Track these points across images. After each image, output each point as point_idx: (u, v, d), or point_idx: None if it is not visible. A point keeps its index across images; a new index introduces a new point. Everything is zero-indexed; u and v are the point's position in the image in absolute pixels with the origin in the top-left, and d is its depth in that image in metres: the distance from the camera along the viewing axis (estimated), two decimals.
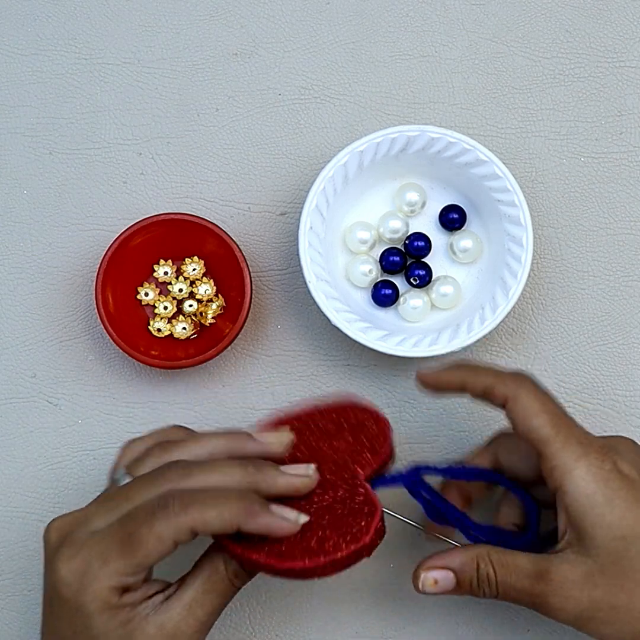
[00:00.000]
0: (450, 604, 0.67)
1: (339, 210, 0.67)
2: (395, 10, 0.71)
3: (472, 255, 0.67)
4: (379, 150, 0.66)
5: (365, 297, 0.68)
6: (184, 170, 0.70)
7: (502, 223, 0.66)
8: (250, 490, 0.51)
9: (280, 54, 0.71)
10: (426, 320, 0.67)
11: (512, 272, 0.65)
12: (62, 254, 0.70)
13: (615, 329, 0.69)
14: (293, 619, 0.67)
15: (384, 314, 0.68)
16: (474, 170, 0.66)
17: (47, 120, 0.70)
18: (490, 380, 0.56)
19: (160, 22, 0.71)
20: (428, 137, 0.65)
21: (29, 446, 0.68)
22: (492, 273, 0.67)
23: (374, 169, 0.67)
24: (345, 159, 0.65)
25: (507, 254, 0.65)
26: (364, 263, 0.67)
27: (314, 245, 0.65)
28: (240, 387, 0.69)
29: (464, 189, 0.68)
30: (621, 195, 0.70)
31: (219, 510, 0.50)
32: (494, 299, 0.65)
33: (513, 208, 0.65)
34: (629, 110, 0.70)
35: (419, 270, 0.67)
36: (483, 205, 0.67)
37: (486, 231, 0.68)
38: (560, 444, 0.54)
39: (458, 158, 0.66)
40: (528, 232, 0.64)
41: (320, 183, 0.65)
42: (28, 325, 0.69)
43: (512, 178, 0.65)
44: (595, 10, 0.71)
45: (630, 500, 0.53)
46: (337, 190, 0.66)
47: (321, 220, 0.66)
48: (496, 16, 0.71)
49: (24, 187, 0.70)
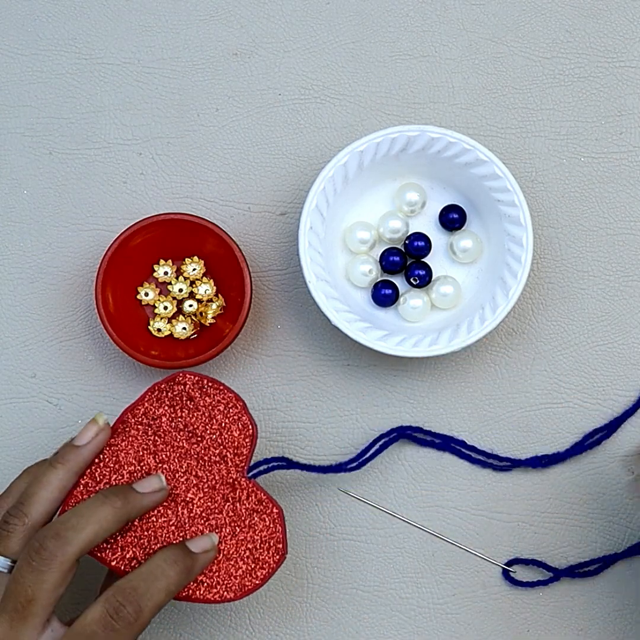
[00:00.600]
0: (450, 605, 0.67)
1: (339, 210, 0.67)
2: (395, 10, 0.71)
3: (472, 255, 0.67)
4: (379, 150, 0.66)
5: (365, 297, 0.68)
6: (184, 170, 0.70)
7: (502, 223, 0.66)
8: (122, 521, 0.57)
9: (280, 54, 0.71)
10: (426, 320, 0.67)
11: (512, 272, 0.65)
12: (62, 254, 0.70)
13: (615, 329, 0.69)
14: (293, 619, 0.67)
15: (383, 314, 0.68)
16: (474, 170, 0.66)
17: (47, 120, 0.70)
18: None
19: (160, 22, 0.71)
20: (428, 137, 0.65)
21: (29, 446, 0.68)
22: (492, 273, 0.67)
23: (374, 169, 0.67)
24: (346, 159, 0.65)
25: (507, 254, 0.65)
26: (364, 263, 0.67)
27: (314, 245, 0.65)
28: (240, 387, 0.69)
29: (464, 189, 0.68)
30: (621, 195, 0.70)
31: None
32: (494, 299, 0.65)
33: (513, 208, 0.65)
34: (629, 110, 0.70)
35: (419, 270, 0.67)
36: (483, 205, 0.67)
37: (486, 231, 0.68)
38: None
39: (458, 158, 0.66)
40: (528, 232, 0.64)
41: (320, 183, 0.65)
42: (28, 325, 0.69)
43: (512, 178, 0.65)
44: (595, 10, 0.71)
45: None
46: (337, 190, 0.66)
47: (321, 220, 0.66)
48: (496, 16, 0.71)
49: (24, 187, 0.70)
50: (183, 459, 0.60)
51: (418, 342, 0.65)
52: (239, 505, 0.60)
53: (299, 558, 0.67)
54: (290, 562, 0.67)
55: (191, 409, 0.61)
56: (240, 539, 0.60)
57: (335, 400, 0.68)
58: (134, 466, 0.60)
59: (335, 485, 0.68)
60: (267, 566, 0.60)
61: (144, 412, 0.61)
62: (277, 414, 0.68)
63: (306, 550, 0.67)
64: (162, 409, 0.61)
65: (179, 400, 0.61)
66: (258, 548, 0.60)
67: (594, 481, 0.68)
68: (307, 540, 0.68)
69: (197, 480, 0.60)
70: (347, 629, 0.67)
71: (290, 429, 0.68)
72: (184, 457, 0.60)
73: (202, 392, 0.61)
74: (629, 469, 0.67)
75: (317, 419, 0.68)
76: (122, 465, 0.60)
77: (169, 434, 0.60)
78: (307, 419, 0.68)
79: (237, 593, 0.59)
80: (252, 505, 0.60)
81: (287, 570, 0.67)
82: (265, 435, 0.68)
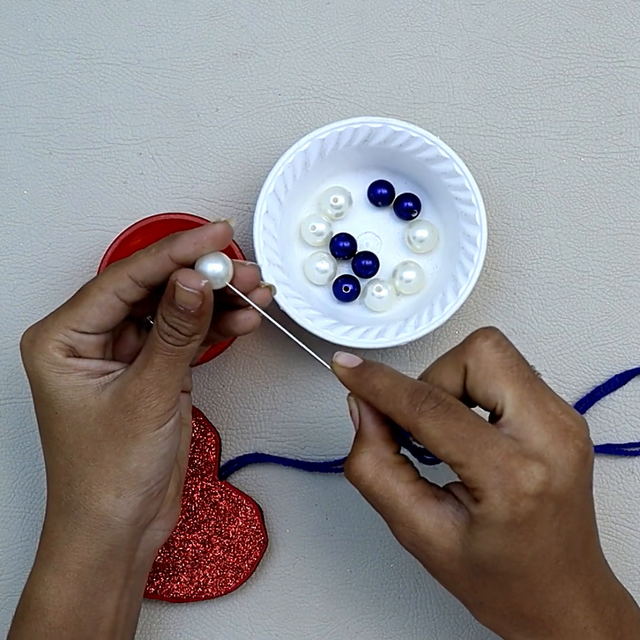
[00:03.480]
0: (451, 604, 0.67)
1: (298, 198, 0.67)
2: (395, 10, 0.71)
3: (429, 245, 0.67)
4: (340, 140, 0.65)
5: (326, 293, 0.68)
6: (184, 170, 0.70)
7: (458, 221, 0.66)
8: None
9: (280, 54, 0.71)
10: (392, 309, 0.67)
11: (464, 271, 0.65)
12: (62, 254, 0.70)
13: (615, 329, 0.69)
14: (293, 619, 0.67)
15: (348, 308, 0.68)
16: (434, 167, 0.66)
17: (47, 120, 0.70)
18: (390, 410, 0.52)
19: (160, 22, 0.71)
20: (390, 130, 0.65)
21: (29, 446, 0.68)
22: (448, 266, 0.67)
23: (335, 159, 0.66)
24: (307, 146, 0.65)
25: (461, 252, 0.65)
26: (320, 260, 0.67)
27: (269, 230, 0.65)
28: (240, 387, 0.69)
29: (424, 184, 0.68)
30: (621, 195, 0.70)
31: (152, 259, 0.54)
32: (456, 280, 0.65)
33: (470, 207, 0.65)
34: (629, 110, 0.70)
35: (366, 260, 0.67)
36: (442, 203, 0.67)
37: (443, 227, 0.68)
38: (475, 468, 0.50)
39: (419, 153, 0.65)
40: (482, 232, 0.64)
41: (279, 168, 0.65)
42: (28, 325, 0.69)
43: (471, 177, 0.65)
44: (595, 10, 0.71)
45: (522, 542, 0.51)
46: (297, 177, 0.66)
47: (278, 206, 0.65)
48: (496, 16, 0.71)
49: (24, 187, 0.70)
50: None
51: (382, 332, 0.65)
52: (216, 507, 0.66)
53: (299, 558, 0.67)
54: (290, 562, 0.67)
55: None
56: (224, 536, 0.65)
57: (335, 400, 0.68)
58: None
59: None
60: (252, 556, 0.65)
61: None
62: (277, 414, 0.68)
63: (306, 550, 0.67)
64: None
65: None
66: (241, 541, 0.65)
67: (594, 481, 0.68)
68: (307, 540, 0.68)
69: None
70: (347, 629, 0.67)
71: (290, 429, 0.68)
72: None
73: None
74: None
75: (317, 419, 0.68)
76: None
77: None
78: (307, 419, 0.68)
79: (230, 586, 0.65)
80: (228, 505, 0.65)
81: (287, 570, 0.67)
82: (265, 435, 0.68)
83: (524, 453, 0.50)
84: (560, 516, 0.51)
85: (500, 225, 0.70)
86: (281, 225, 0.66)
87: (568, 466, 0.50)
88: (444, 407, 0.51)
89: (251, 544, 0.66)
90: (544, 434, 0.50)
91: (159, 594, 0.65)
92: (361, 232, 0.68)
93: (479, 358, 0.52)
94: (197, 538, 0.66)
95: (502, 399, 0.51)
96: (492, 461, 0.50)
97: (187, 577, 0.65)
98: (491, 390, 0.51)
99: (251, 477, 0.68)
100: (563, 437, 0.51)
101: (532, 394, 0.51)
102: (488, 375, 0.52)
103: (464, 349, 0.53)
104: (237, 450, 0.68)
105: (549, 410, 0.51)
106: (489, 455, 0.50)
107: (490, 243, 0.69)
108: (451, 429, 0.50)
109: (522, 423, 0.51)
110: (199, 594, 0.65)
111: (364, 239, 0.68)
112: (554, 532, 0.51)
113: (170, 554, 0.65)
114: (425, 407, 0.51)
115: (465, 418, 0.51)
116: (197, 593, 0.65)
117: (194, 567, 0.65)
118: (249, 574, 0.65)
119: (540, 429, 0.50)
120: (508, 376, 0.51)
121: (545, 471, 0.50)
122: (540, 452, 0.50)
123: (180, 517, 0.66)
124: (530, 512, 0.50)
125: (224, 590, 0.65)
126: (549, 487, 0.50)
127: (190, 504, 0.66)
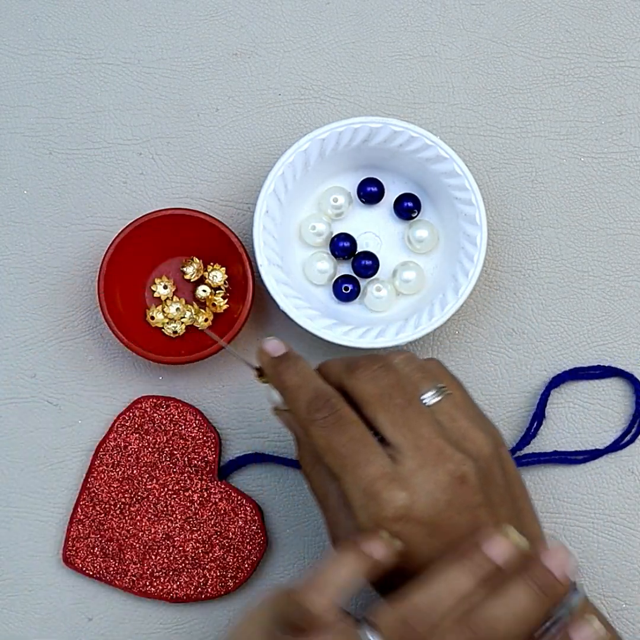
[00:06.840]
0: None
1: (298, 199, 0.67)
2: (395, 10, 0.71)
3: (428, 245, 0.67)
4: (340, 140, 0.65)
5: (326, 293, 0.68)
6: (184, 170, 0.70)
7: (458, 221, 0.66)
8: None
9: (280, 54, 0.71)
10: (392, 309, 0.67)
11: (464, 271, 0.65)
12: (62, 254, 0.70)
13: (615, 329, 0.69)
14: None
15: (348, 308, 0.68)
16: (434, 167, 0.66)
17: (47, 120, 0.70)
18: (292, 408, 0.54)
19: (160, 22, 0.71)
20: (390, 130, 0.65)
21: (29, 446, 0.68)
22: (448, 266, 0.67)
23: (335, 159, 0.67)
24: (307, 146, 0.65)
25: (461, 252, 0.65)
26: (320, 260, 0.67)
27: (268, 229, 0.65)
28: (240, 387, 0.69)
29: (424, 184, 0.68)
30: (621, 195, 0.70)
31: None
32: (456, 280, 0.65)
33: (470, 207, 0.65)
34: (629, 110, 0.70)
35: (366, 260, 0.67)
36: (442, 203, 0.67)
37: (443, 227, 0.68)
38: (347, 485, 0.52)
39: (419, 153, 0.65)
40: (482, 232, 0.64)
41: (279, 168, 0.65)
42: (28, 325, 0.69)
43: (471, 177, 0.65)
44: (595, 10, 0.71)
45: None
46: (297, 177, 0.66)
47: (278, 206, 0.65)
48: (496, 16, 0.71)
49: (24, 187, 0.70)
50: (160, 476, 0.66)
51: (382, 332, 0.65)
52: (216, 507, 0.66)
53: (299, 558, 0.67)
54: (290, 562, 0.67)
55: (156, 430, 0.66)
56: (224, 536, 0.65)
57: None
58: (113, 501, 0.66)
59: None
60: (252, 556, 0.65)
61: (115, 445, 0.66)
62: None
63: (306, 550, 0.67)
64: (130, 436, 0.66)
65: (143, 424, 0.66)
66: (241, 541, 0.65)
67: (594, 481, 0.68)
68: (307, 540, 0.68)
69: (174, 492, 0.66)
70: None
71: None
72: (161, 474, 0.66)
73: (161, 412, 0.66)
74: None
75: None
76: (101, 500, 0.66)
77: (141, 457, 0.66)
78: None
79: (230, 586, 0.66)
80: (228, 505, 0.66)
81: (287, 570, 0.67)
82: (265, 435, 0.68)
83: (391, 476, 0.51)
84: (439, 536, 0.52)
85: (500, 225, 0.70)
86: (281, 225, 0.66)
87: (437, 489, 0.51)
88: (334, 418, 0.52)
89: (251, 544, 0.66)
90: (416, 458, 0.52)
91: (159, 594, 0.65)
92: (361, 232, 0.68)
93: (355, 387, 0.54)
94: (197, 538, 0.66)
95: (379, 424, 0.53)
96: (361, 481, 0.51)
97: (187, 577, 0.65)
98: (369, 415, 0.53)
99: (251, 477, 0.68)
100: (434, 460, 0.52)
101: (405, 420, 0.52)
102: (364, 402, 0.53)
103: (348, 375, 0.54)
104: (237, 450, 0.68)
105: (422, 435, 0.52)
106: (359, 475, 0.51)
107: (490, 243, 0.69)
108: (333, 442, 0.52)
109: (398, 446, 0.52)
110: (199, 594, 0.65)
111: (364, 239, 0.68)
112: (434, 551, 0.52)
113: (170, 554, 0.66)
114: (318, 415, 0.52)
115: (350, 433, 0.52)
116: (197, 593, 0.65)
117: (194, 567, 0.66)
118: (249, 574, 0.66)
119: (413, 453, 0.52)
120: (380, 403, 0.53)
121: (406, 496, 0.51)
122: (407, 476, 0.51)
123: (180, 517, 0.66)
124: (395, 533, 0.51)
125: (224, 590, 0.65)
126: (410, 510, 0.51)
127: (190, 504, 0.66)
